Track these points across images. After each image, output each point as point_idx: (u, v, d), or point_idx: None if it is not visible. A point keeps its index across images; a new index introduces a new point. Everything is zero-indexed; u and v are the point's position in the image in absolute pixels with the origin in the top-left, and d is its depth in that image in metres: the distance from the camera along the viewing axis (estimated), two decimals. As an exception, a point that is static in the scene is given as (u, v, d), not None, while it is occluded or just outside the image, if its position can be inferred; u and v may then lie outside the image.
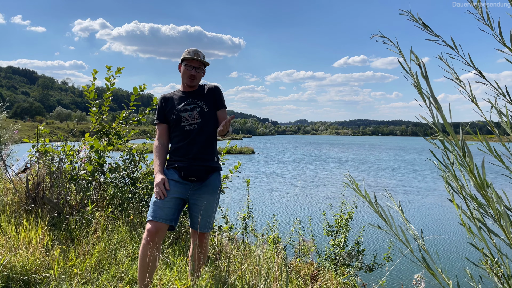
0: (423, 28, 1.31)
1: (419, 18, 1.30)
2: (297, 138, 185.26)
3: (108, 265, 2.99)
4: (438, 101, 1.11)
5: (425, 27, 1.31)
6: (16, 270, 2.57)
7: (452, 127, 1.19)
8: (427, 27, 1.31)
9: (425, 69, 1.13)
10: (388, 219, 1.18)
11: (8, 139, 7.57)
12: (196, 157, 2.67)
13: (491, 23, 1.27)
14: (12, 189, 3.87)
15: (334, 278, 3.96)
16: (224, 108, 2.88)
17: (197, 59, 2.74)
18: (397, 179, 24.10)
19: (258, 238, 4.32)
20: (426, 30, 1.31)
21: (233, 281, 2.46)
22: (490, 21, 1.27)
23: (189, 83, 2.78)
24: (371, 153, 55.82)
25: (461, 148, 1.08)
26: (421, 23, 1.31)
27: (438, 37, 1.30)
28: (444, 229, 11.34)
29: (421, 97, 1.13)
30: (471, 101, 1.21)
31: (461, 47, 1.27)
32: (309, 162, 36.36)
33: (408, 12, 1.31)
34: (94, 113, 4.66)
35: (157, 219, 2.48)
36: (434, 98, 1.12)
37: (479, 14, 1.28)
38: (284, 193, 17.54)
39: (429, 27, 1.31)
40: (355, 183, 1.27)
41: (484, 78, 1.28)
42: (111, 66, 4.74)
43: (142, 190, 4.52)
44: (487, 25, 1.27)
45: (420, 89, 1.13)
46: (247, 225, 4.87)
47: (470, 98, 1.21)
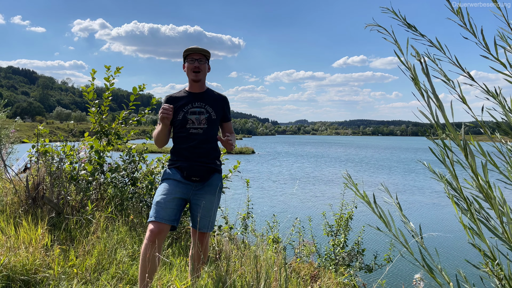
0: (407, 28, 1.25)
1: (401, 16, 1.24)
2: (297, 138, 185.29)
3: (108, 265, 2.99)
4: (440, 99, 1.09)
5: (408, 27, 1.25)
6: (16, 270, 2.56)
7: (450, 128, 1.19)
8: (411, 27, 1.25)
9: (426, 65, 1.11)
10: (387, 220, 1.18)
11: (5, 138, 7.52)
12: (198, 158, 2.67)
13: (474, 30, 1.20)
14: (12, 189, 3.87)
15: (334, 278, 3.96)
16: (230, 121, 2.93)
17: (198, 49, 2.73)
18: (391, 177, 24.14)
19: (258, 238, 4.32)
20: (410, 29, 1.24)
21: (233, 281, 2.46)
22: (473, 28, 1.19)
23: (195, 77, 2.74)
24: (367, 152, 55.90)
25: (463, 148, 1.07)
26: (404, 22, 1.24)
27: (423, 36, 1.24)
28: (442, 228, 11.33)
29: (419, 92, 1.11)
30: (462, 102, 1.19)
31: (447, 47, 1.22)
32: (310, 162, 36.36)
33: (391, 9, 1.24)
34: (94, 113, 4.65)
35: (159, 219, 2.48)
36: (435, 95, 1.10)
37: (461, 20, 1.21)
38: (284, 193, 17.54)
39: (413, 26, 1.24)
40: (353, 184, 1.27)
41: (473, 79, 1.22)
42: (110, 66, 4.73)
43: (142, 190, 4.52)
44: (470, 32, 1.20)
45: (418, 83, 1.12)
46: (247, 225, 4.87)
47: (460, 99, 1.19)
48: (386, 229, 1.18)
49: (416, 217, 12.66)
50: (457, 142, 1.08)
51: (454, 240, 9.55)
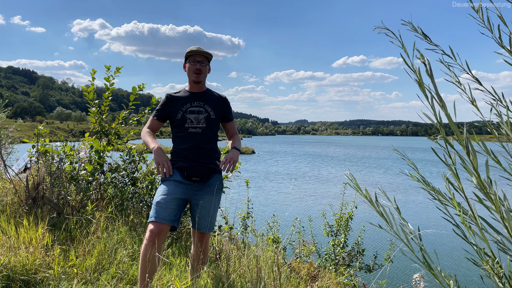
0: (423, 38, 1.36)
1: (418, 27, 1.36)
2: (298, 138, 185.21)
3: (108, 265, 2.99)
4: (443, 99, 1.11)
5: (424, 37, 1.36)
6: (16, 270, 2.56)
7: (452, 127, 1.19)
8: (426, 37, 1.36)
9: (430, 67, 1.13)
10: (389, 218, 1.18)
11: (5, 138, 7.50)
12: (199, 159, 2.67)
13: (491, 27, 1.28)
14: (12, 189, 3.87)
15: (334, 278, 3.96)
16: (233, 121, 2.93)
17: (200, 51, 2.74)
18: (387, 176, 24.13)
19: (258, 238, 4.32)
20: (425, 39, 1.36)
21: (232, 281, 2.45)
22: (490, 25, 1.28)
23: (195, 79, 2.76)
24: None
25: (465, 146, 1.08)
26: (420, 33, 1.35)
27: (437, 46, 1.35)
28: (442, 227, 11.32)
29: (423, 94, 1.14)
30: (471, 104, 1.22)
31: (458, 55, 1.32)
32: (310, 162, 36.35)
33: (409, 22, 1.35)
34: (94, 113, 4.65)
35: (160, 220, 2.48)
36: (438, 96, 1.12)
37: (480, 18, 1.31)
38: (283, 193, 17.54)
39: (428, 37, 1.35)
40: (356, 183, 1.27)
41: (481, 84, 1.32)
42: (110, 66, 4.73)
43: (142, 190, 4.51)
44: (487, 29, 1.29)
45: (422, 85, 1.14)
46: (247, 225, 4.86)
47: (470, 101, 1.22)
48: (387, 227, 1.19)
49: (415, 216, 12.65)
50: (460, 140, 1.09)
51: (453, 240, 9.55)
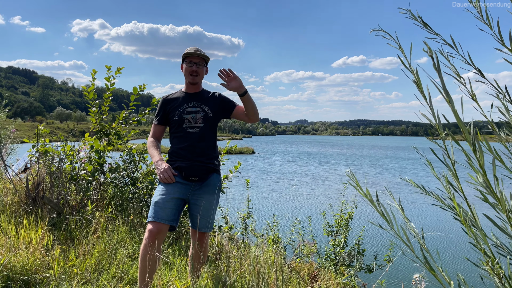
0: (423, 26, 1.32)
1: (418, 16, 1.31)
2: (298, 138, 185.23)
3: (108, 265, 2.99)
4: (450, 95, 1.09)
5: (424, 25, 1.31)
6: (16, 270, 2.56)
7: (453, 127, 1.19)
8: (426, 25, 1.31)
9: (438, 60, 1.12)
10: (389, 218, 1.18)
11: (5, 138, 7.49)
12: (197, 158, 2.67)
13: (490, 23, 1.27)
14: (12, 189, 3.87)
15: (334, 279, 3.96)
16: (237, 106, 2.85)
17: (197, 54, 2.74)
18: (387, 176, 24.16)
19: (258, 238, 4.32)
20: (425, 28, 1.31)
21: (232, 281, 2.45)
22: (490, 21, 1.27)
23: (192, 80, 2.77)
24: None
25: (472, 143, 1.07)
26: (420, 21, 1.31)
27: (438, 35, 1.30)
28: (441, 227, 11.33)
29: (421, 94, 1.13)
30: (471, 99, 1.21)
31: (460, 45, 1.27)
32: (310, 161, 36.37)
33: (408, 10, 1.31)
34: (94, 113, 4.65)
35: (158, 219, 2.48)
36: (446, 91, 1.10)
37: (478, 13, 1.28)
38: (283, 192, 17.54)
39: (428, 25, 1.31)
40: (357, 182, 1.27)
41: (483, 77, 1.27)
42: (110, 66, 4.73)
43: (142, 190, 4.51)
44: (486, 24, 1.27)
45: (420, 86, 1.13)
46: (247, 225, 4.86)
47: (470, 96, 1.21)
48: (388, 227, 1.18)
49: (414, 216, 12.67)
50: (467, 137, 1.08)
51: (453, 239, 9.55)
